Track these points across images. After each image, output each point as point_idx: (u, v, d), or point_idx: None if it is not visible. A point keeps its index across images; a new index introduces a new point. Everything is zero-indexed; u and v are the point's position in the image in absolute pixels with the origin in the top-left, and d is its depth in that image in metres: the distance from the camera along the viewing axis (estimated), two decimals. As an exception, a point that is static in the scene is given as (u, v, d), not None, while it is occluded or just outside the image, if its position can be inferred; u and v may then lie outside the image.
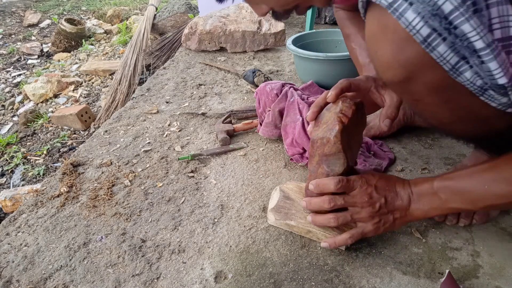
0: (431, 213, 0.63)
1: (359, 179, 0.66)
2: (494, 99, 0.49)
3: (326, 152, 0.67)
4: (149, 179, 0.99)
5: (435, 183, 0.62)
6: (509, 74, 0.45)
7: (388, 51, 0.49)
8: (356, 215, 0.66)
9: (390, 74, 0.51)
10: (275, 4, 0.66)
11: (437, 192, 0.62)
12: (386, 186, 0.66)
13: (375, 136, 1.07)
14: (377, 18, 0.49)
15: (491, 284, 0.65)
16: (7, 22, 4.15)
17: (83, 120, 2.08)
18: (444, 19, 0.43)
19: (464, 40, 0.43)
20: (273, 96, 1.10)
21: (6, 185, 1.71)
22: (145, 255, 0.76)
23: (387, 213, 0.65)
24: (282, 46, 2.03)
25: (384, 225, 0.66)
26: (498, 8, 0.42)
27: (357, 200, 0.65)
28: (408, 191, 0.65)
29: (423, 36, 0.44)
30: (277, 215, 0.78)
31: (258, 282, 0.68)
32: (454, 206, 0.60)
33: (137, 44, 2.51)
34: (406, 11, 0.44)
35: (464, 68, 0.46)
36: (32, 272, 0.74)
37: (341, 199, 0.66)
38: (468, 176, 0.59)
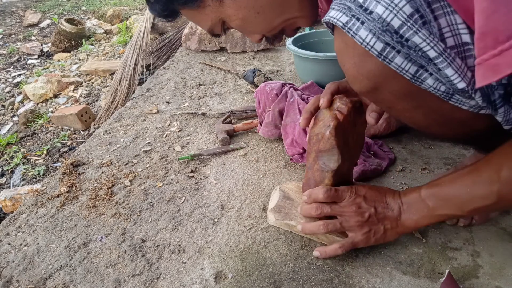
0: (421, 222, 0.63)
1: (348, 189, 0.68)
2: (462, 102, 0.50)
3: (321, 148, 0.67)
4: (149, 179, 0.99)
5: (422, 191, 0.63)
6: (468, 78, 0.47)
7: (352, 65, 0.53)
8: (345, 224, 0.67)
9: (357, 85, 0.55)
10: (262, 30, 0.68)
11: (424, 200, 0.62)
12: (376, 196, 0.67)
13: (375, 136, 1.07)
14: (340, 37, 0.52)
15: (491, 284, 0.65)
16: (7, 22, 4.15)
17: (83, 120, 2.08)
18: (394, 33, 0.45)
19: (418, 51, 0.46)
20: (273, 96, 1.10)
21: (6, 185, 1.71)
22: (145, 255, 0.76)
23: (377, 223, 0.66)
24: (282, 46, 2.03)
25: (375, 236, 0.67)
26: (446, 18, 0.45)
27: (345, 209, 0.67)
28: (398, 201, 0.65)
29: (378, 50, 0.47)
30: (277, 215, 0.78)
31: (258, 282, 0.68)
32: (443, 212, 0.61)
33: (137, 44, 2.51)
34: (359, 30, 0.47)
35: (425, 76, 0.48)
36: (32, 272, 0.74)
37: (328, 207, 0.68)
38: (452, 182, 0.60)
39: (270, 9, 0.64)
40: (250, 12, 0.63)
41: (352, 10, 0.48)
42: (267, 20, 0.65)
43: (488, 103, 0.49)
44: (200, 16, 0.65)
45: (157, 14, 0.66)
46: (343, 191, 0.68)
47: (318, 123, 0.69)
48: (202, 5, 0.62)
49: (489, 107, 0.50)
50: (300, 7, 0.66)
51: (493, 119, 0.52)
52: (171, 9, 0.65)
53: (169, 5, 0.64)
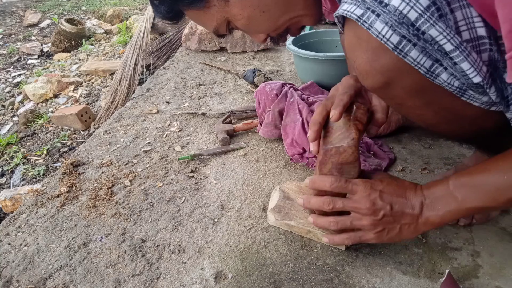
0: (447, 217, 0.58)
1: (363, 183, 0.62)
2: (475, 98, 0.50)
3: (342, 161, 0.64)
4: (149, 179, 0.99)
5: (450, 182, 0.58)
6: (483, 73, 0.46)
7: (365, 60, 0.51)
8: (356, 222, 0.63)
9: (369, 81, 0.53)
10: (267, 29, 0.68)
11: (453, 192, 0.57)
12: (395, 192, 0.62)
13: (375, 136, 1.07)
14: (353, 30, 0.51)
15: (491, 284, 0.65)
16: (7, 22, 4.15)
17: (83, 120, 2.08)
18: (411, 26, 0.45)
19: (434, 44, 0.45)
20: (273, 96, 1.10)
21: (6, 185, 1.71)
22: (145, 255, 0.76)
23: (392, 222, 0.61)
24: (282, 46, 2.02)
25: (388, 235, 0.62)
26: (462, 11, 0.45)
27: (358, 205, 0.62)
28: (420, 197, 0.60)
29: (394, 43, 0.47)
30: (277, 215, 0.78)
31: (258, 282, 0.68)
32: (473, 205, 0.55)
33: (137, 44, 2.51)
34: (374, 22, 0.47)
35: (440, 70, 0.48)
36: (32, 272, 0.74)
37: (341, 202, 0.63)
38: (484, 170, 0.55)
39: (276, 7, 0.64)
40: (255, 11, 0.63)
41: (366, 3, 0.47)
42: (272, 19, 0.65)
43: (501, 99, 0.48)
44: (205, 17, 0.65)
45: (162, 16, 0.66)
46: (356, 184, 0.62)
47: (334, 133, 0.64)
48: (207, 5, 0.62)
49: (501, 103, 0.49)
50: (305, 5, 0.65)
51: (502, 117, 0.52)
52: (176, 10, 0.64)
53: (174, 7, 0.63)
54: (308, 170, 0.99)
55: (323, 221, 0.67)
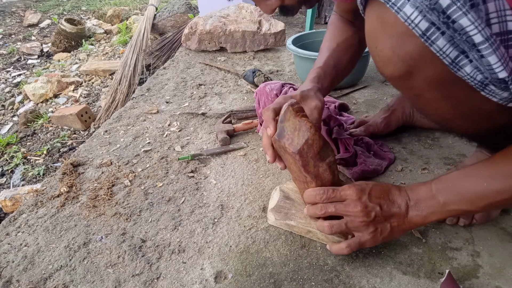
0: (430, 218, 0.61)
1: (351, 188, 0.65)
2: (495, 94, 0.49)
3: (317, 150, 0.67)
4: (149, 179, 0.99)
5: (433, 185, 0.61)
6: (509, 68, 0.45)
7: (388, 46, 0.49)
8: (350, 224, 0.65)
9: (390, 69, 0.51)
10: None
11: (435, 195, 0.60)
12: (381, 194, 0.64)
13: (374, 135, 1.07)
14: (376, 14, 0.49)
15: (491, 284, 0.65)
16: (7, 22, 4.15)
17: (83, 120, 2.08)
18: (442, 13, 0.43)
19: (463, 34, 0.44)
20: (273, 96, 1.10)
21: (6, 185, 1.71)
22: (145, 255, 0.76)
23: (383, 222, 0.64)
24: (282, 46, 2.03)
25: (382, 234, 0.64)
26: (495, 3, 0.43)
27: (350, 209, 0.64)
28: (405, 197, 0.63)
29: (422, 30, 0.45)
30: (277, 215, 0.78)
31: (258, 282, 0.68)
32: (454, 208, 0.59)
33: (137, 44, 2.51)
34: (404, 6, 0.44)
35: (464, 62, 0.46)
36: (32, 272, 0.74)
37: (333, 206, 0.65)
38: (466, 176, 0.58)
39: None
40: None
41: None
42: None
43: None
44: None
45: None
46: (344, 189, 0.65)
47: (293, 135, 0.67)
48: None
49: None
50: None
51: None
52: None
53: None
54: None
55: (318, 224, 0.69)
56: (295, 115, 0.67)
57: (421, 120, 1.08)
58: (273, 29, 1.98)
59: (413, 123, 1.09)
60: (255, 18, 2.01)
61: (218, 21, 1.98)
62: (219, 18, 2.00)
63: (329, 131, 0.99)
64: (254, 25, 1.97)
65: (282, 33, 2.00)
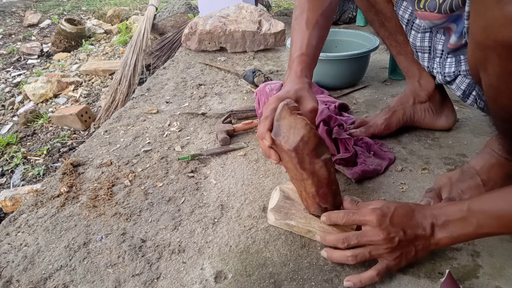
0: (460, 239, 0.59)
1: (371, 213, 0.63)
2: None
3: (312, 146, 0.67)
4: (149, 179, 0.99)
5: (465, 206, 0.58)
6: None
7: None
8: (374, 252, 0.63)
9: (506, 32, 0.45)
10: None
11: (468, 217, 0.57)
12: (404, 217, 0.62)
13: (375, 136, 1.07)
14: None
15: (491, 284, 0.65)
16: (7, 22, 4.15)
17: (83, 120, 2.08)
18: None
19: None
20: (273, 96, 1.10)
21: (6, 185, 1.71)
22: (145, 255, 0.76)
23: (407, 246, 0.62)
24: (282, 46, 2.03)
25: (406, 257, 0.63)
26: None
27: (372, 238, 0.62)
28: (430, 218, 0.61)
29: None
30: (277, 215, 0.78)
31: (258, 282, 0.68)
32: (487, 231, 0.57)
33: (137, 44, 2.51)
34: None
35: None
36: (32, 272, 0.74)
37: (355, 238, 0.64)
38: (503, 199, 0.56)
39: None
40: None
41: None
42: None
43: None
44: None
45: None
46: (364, 215, 0.63)
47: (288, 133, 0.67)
48: None
49: None
50: None
51: None
52: None
53: None
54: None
55: (339, 255, 0.67)
56: (290, 113, 0.67)
57: (421, 121, 1.08)
58: (273, 29, 1.98)
59: (413, 124, 1.09)
60: (255, 18, 2.01)
61: (218, 21, 1.98)
62: (219, 18, 2.00)
63: (329, 131, 0.99)
64: (254, 25, 1.98)
65: (282, 33, 2.00)
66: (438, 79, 0.89)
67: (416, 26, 0.91)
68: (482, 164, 0.79)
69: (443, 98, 1.06)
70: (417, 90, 1.06)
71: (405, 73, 1.09)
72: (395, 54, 1.08)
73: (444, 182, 0.81)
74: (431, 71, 0.92)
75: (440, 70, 0.87)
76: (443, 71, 0.86)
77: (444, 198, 0.80)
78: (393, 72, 1.52)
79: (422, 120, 1.08)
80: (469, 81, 0.82)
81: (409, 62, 1.05)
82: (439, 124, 1.08)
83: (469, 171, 0.80)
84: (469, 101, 0.85)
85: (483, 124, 1.13)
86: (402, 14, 0.93)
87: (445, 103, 1.07)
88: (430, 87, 1.04)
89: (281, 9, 3.46)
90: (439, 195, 0.81)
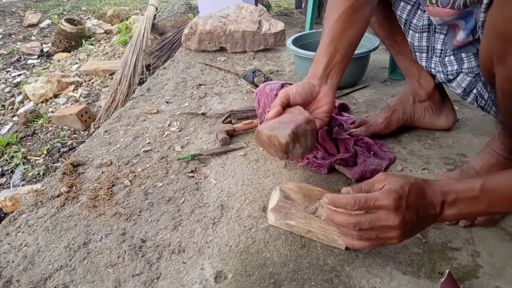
0: (468, 216, 0.58)
1: (386, 197, 0.58)
2: None
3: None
4: (149, 179, 0.99)
5: (479, 186, 0.56)
6: None
7: None
8: (382, 235, 0.60)
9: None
10: None
11: (480, 196, 0.56)
12: (417, 198, 0.59)
13: (375, 135, 1.07)
14: None
15: (491, 284, 0.65)
16: (7, 22, 4.15)
17: (83, 120, 2.08)
18: None
19: None
20: (273, 96, 1.10)
21: (6, 185, 1.71)
22: (145, 255, 0.76)
23: (417, 227, 0.60)
24: (282, 46, 2.03)
25: (409, 235, 0.62)
26: None
27: (387, 223, 0.58)
28: (441, 196, 0.59)
29: None
30: (277, 215, 0.78)
31: (258, 282, 0.68)
32: (497, 210, 0.57)
33: (137, 44, 2.51)
34: None
35: None
36: (32, 272, 0.74)
37: (367, 223, 0.59)
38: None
39: None
40: None
41: None
42: None
43: None
44: None
45: None
46: (378, 200, 0.58)
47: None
48: None
49: None
50: None
51: None
52: None
53: None
54: (308, 170, 0.99)
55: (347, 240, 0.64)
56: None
57: (421, 121, 1.08)
58: (273, 29, 1.98)
59: (413, 123, 1.09)
60: (255, 18, 2.01)
61: (218, 21, 1.98)
62: (219, 18, 2.00)
63: (329, 131, 0.99)
64: (254, 25, 1.97)
65: (282, 33, 2.00)
66: (439, 77, 0.89)
67: (413, 26, 0.91)
68: (481, 164, 0.80)
69: (443, 98, 1.07)
70: (417, 89, 1.06)
71: (404, 72, 1.09)
72: (394, 54, 1.09)
73: None
74: (430, 71, 0.93)
75: (441, 69, 0.87)
76: (445, 69, 0.86)
77: None
78: (393, 72, 1.52)
79: (422, 119, 1.08)
80: (471, 79, 0.82)
81: (408, 62, 1.05)
82: (439, 123, 1.08)
83: (469, 171, 0.81)
84: (469, 99, 0.86)
85: (483, 124, 1.13)
86: (400, 14, 0.93)
87: (445, 102, 1.07)
88: (429, 86, 1.04)
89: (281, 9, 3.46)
90: None
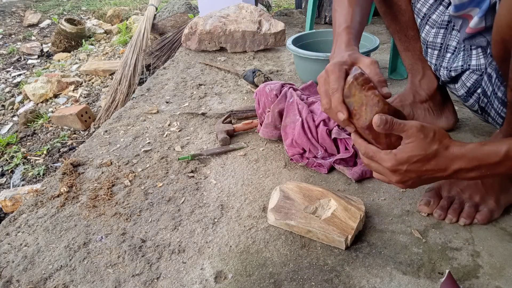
0: (487, 176, 0.59)
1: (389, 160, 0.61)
2: None
3: None
4: (149, 179, 0.99)
5: (504, 151, 0.56)
6: None
7: None
8: (385, 179, 0.65)
9: None
10: None
11: (504, 161, 0.56)
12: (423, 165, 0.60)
13: None
14: None
15: (491, 284, 0.65)
16: (7, 22, 4.15)
17: (83, 120, 2.08)
18: None
19: None
20: (273, 96, 1.10)
21: (6, 185, 1.71)
22: (145, 255, 0.76)
23: (420, 183, 0.63)
24: (282, 46, 2.03)
25: (413, 186, 0.64)
26: None
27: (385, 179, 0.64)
28: (458, 163, 0.59)
29: None
30: (277, 215, 0.78)
31: (258, 282, 0.68)
32: None
33: (137, 44, 2.51)
34: None
35: None
36: (32, 272, 0.74)
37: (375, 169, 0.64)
38: None
39: None
40: None
41: None
42: None
43: None
44: None
45: None
46: (383, 160, 0.61)
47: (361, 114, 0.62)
48: None
49: None
50: None
51: None
52: None
53: None
54: (308, 170, 0.99)
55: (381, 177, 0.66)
56: (361, 89, 0.62)
57: (421, 121, 1.08)
58: (273, 29, 1.98)
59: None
60: (255, 18, 2.01)
61: (218, 21, 1.98)
62: (219, 18, 2.00)
63: (329, 131, 0.99)
64: (254, 25, 1.97)
65: (282, 33, 2.00)
66: (443, 75, 0.88)
67: (432, 21, 0.89)
68: None
69: (444, 99, 1.06)
70: (418, 89, 1.05)
71: (409, 70, 1.08)
72: (402, 50, 1.06)
73: (444, 181, 0.82)
74: (437, 69, 0.92)
75: (447, 65, 0.87)
76: (450, 66, 0.86)
77: (444, 197, 0.81)
78: (393, 72, 1.52)
79: (422, 120, 1.08)
80: (477, 77, 0.82)
81: (415, 60, 1.04)
82: (439, 124, 1.08)
83: None
84: (471, 101, 0.85)
85: (483, 124, 1.13)
86: (420, 8, 0.91)
87: (446, 104, 1.07)
88: (431, 87, 1.03)
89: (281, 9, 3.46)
90: (439, 194, 0.82)
